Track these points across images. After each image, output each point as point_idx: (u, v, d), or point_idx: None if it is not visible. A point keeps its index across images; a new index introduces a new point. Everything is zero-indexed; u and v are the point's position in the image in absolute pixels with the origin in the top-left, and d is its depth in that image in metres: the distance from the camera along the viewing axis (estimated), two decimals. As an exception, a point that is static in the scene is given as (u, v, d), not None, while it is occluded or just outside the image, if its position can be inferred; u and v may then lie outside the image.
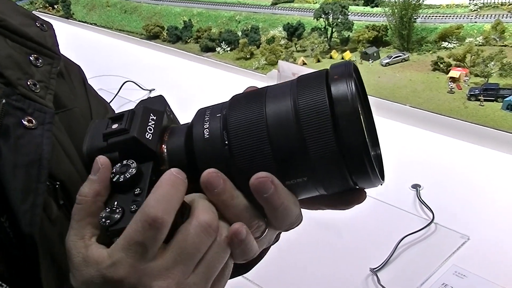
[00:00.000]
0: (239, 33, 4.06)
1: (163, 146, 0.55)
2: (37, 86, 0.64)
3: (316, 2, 4.04)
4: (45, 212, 0.61)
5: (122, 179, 0.52)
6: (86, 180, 0.53)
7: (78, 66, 0.82)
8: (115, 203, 0.51)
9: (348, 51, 3.37)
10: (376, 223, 1.45)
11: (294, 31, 3.80)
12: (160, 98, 0.60)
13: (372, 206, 1.53)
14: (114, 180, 0.52)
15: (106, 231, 0.50)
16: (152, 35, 4.64)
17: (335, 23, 3.46)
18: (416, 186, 1.59)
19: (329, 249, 1.39)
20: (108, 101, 0.86)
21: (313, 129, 0.47)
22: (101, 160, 0.53)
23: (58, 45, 0.73)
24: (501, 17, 3.20)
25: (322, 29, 3.53)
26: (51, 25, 0.75)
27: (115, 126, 0.54)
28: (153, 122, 0.55)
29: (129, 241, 0.48)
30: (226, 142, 0.51)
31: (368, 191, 1.64)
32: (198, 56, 3.89)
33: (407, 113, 2.15)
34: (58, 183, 0.64)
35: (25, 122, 0.59)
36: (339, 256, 1.36)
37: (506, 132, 1.88)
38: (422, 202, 1.49)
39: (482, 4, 3.31)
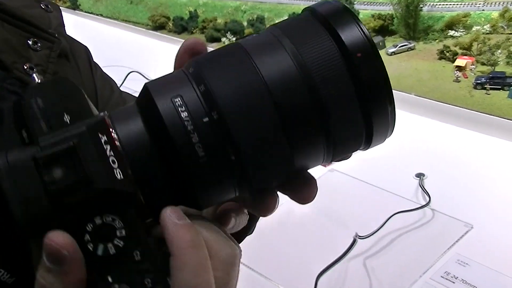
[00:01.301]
0: (245, 23, 4.05)
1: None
2: (34, 70, 0.63)
3: (322, -8, 4.01)
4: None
5: (114, 250, 0.37)
6: (43, 268, 0.40)
7: (85, 46, 0.81)
8: (115, 285, 0.37)
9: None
10: (375, 210, 1.45)
11: (299, 21, 3.79)
12: (65, 82, 0.40)
13: (373, 194, 1.52)
14: (100, 254, 0.37)
15: None
16: (158, 26, 4.63)
17: (340, 12, 3.45)
18: (420, 175, 1.58)
19: (321, 229, 1.40)
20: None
21: (330, 89, 0.38)
22: (58, 240, 0.37)
23: (64, 26, 0.73)
24: (510, 5, 3.16)
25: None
26: (58, 6, 0.74)
27: (58, 174, 0.36)
28: (109, 146, 0.38)
29: None
30: (211, 112, 0.38)
31: (369, 178, 1.63)
32: (204, 46, 3.89)
33: (412, 102, 2.13)
34: None
35: None
36: (333, 235, 1.36)
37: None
38: (423, 189, 1.48)
39: (490, -8, 3.28)
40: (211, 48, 0.45)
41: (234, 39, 3.62)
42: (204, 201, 0.41)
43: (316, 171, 1.16)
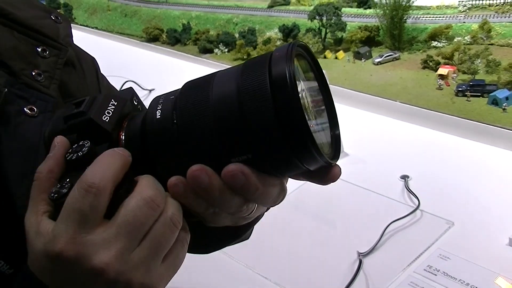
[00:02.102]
0: (236, 35, 4.11)
1: (121, 131, 0.54)
2: (42, 76, 0.67)
3: (311, 5, 4.07)
4: None
5: (74, 157, 0.51)
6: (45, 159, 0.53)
7: (92, 57, 0.85)
8: (67, 180, 0.50)
9: (341, 51, 3.41)
10: (365, 212, 1.50)
11: (289, 32, 3.84)
12: (129, 90, 0.61)
13: (362, 196, 1.57)
14: (67, 158, 0.52)
15: (54, 202, 0.50)
16: (152, 38, 4.67)
17: (328, 24, 3.51)
18: (404, 177, 1.63)
19: (318, 235, 1.44)
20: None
21: (254, 108, 0.47)
22: (58, 139, 0.53)
23: (72, 36, 0.77)
24: (489, 17, 3.24)
25: (316, 30, 3.58)
26: (67, 18, 0.78)
27: (75, 109, 0.54)
28: (113, 107, 0.55)
29: (68, 210, 0.47)
30: (175, 121, 0.50)
31: (358, 181, 1.69)
32: (196, 57, 3.93)
33: (397, 109, 2.19)
34: None
35: (27, 110, 0.62)
36: (328, 241, 1.41)
37: (491, 125, 1.92)
38: (410, 191, 1.54)
39: (470, 5, 3.35)
40: (204, 59, 0.56)
41: (226, 50, 3.69)
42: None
43: None
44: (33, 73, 0.66)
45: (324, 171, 0.52)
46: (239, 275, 1.32)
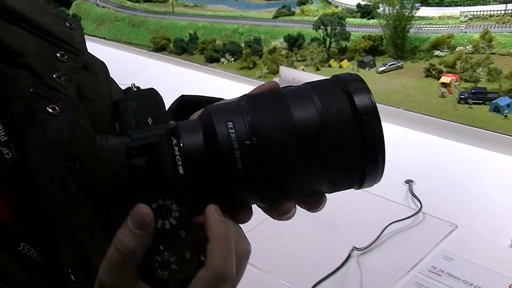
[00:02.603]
0: (242, 45, 4.16)
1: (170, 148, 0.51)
2: (62, 79, 0.70)
3: (315, 15, 4.12)
4: (64, 189, 0.67)
5: (168, 226, 0.48)
6: (126, 229, 0.49)
7: (103, 62, 0.89)
8: (165, 253, 0.48)
9: (345, 60, 3.46)
10: (368, 213, 1.52)
11: (294, 42, 3.90)
12: (153, 92, 0.54)
13: (366, 199, 1.59)
14: (159, 227, 0.48)
15: (164, 283, 0.49)
16: (159, 47, 4.74)
17: (333, 34, 3.57)
18: (409, 181, 1.65)
19: (319, 233, 1.46)
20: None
21: (341, 137, 0.51)
22: (145, 212, 0.48)
23: (85, 42, 0.80)
24: (490, 28, 3.28)
25: (321, 40, 3.63)
26: (80, 24, 0.82)
27: (141, 160, 0.48)
28: (177, 148, 0.49)
29: None
30: (252, 136, 0.50)
31: (364, 185, 1.69)
32: (203, 66, 3.98)
33: (401, 116, 2.21)
34: (78, 164, 0.70)
35: (49, 109, 0.65)
36: (329, 239, 1.42)
37: (493, 131, 1.94)
38: (413, 194, 1.56)
39: (472, 16, 3.40)
40: (210, 68, 0.58)
41: (232, 59, 3.75)
42: (236, 200, 0.53)
43: None
44: (54, 76, 0.69)
45: (313, 199, 0.59)
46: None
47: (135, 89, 0.54)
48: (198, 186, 0.50)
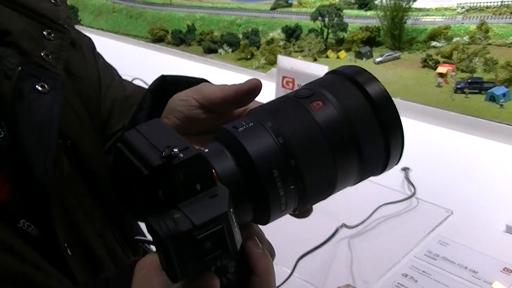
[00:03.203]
0: (240, 36, 4.15)
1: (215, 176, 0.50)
2: (50, 57, 0.70)
3: (312, 7, 4.12)
4: (57, 167, 0.68)
5: (225, 281, 0.49)
6: None
7: (89, 38, 0.89)
8: None
9: (343, 51, 3.47)
10: (362, 197, 1.53)
11: (292, 33, 3.89)
12: (199, 157, 0.48)
13: (362, 185, 1.60)
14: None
15: None
16: (157, 39, 4.72)
17: (330, 25, 3.56)
18: (405, 169, 1.67)
19: (311, 219, 1.47)
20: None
21: (364, 127, 0.53)
22: (215, 283, 0.48)
23: (71, 18, 0.80)
24: (487, 19, 3.29)
25: (319, 31, 3.63)
26: (65, 0, 0.82)
27: (208, 246, 0.45)
28: (235, 223, 0.48)
29: None
30: (289, 154, 0.50)
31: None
32: (201, 57, 3.98)
33: (398, 105, 2.21)
34: (69, 141, 0.71)
35: (39, 87, 0.66)
36: (322, 218, 1.43)
37: (489, 120, 1.96)
38: (409, 181, 1.57)
39: (469, 7, 3.40)
40: (208, 59, 0.58)
41: (230, 50, 3.75)
42: (271, 220, 0.54)
43: None
44: (42, 54, 0.70)
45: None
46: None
47: (178, 157, 0.47)
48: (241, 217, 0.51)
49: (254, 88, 0.62)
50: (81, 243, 0.72)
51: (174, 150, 0.46)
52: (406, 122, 1.81)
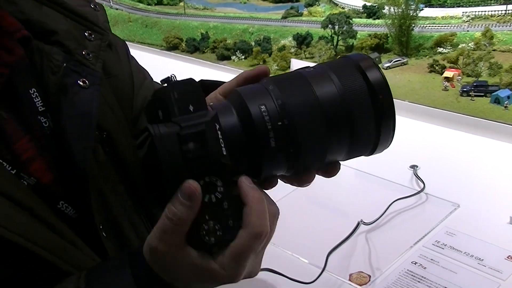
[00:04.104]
0: (252, 43, 4.23)
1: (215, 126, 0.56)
2: (90, 55, 0.77)
3: (322, 16, 4.18)
4: (94, 155, 0.74)
5: (214, 199, 0.54)
6: (177, 201, 0.54)
7: (123, 41, 0.96)
8: (211, 222, 0.54)
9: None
10: (375, 195, 1.59)
11: (303, 40, 3.98)
12: (192, 82, 0.58)
13: (373, 182, 1.66)
14: (206, 200, 0.54)
15: (211, 247, 0.55)
16: (172, 46, 4.81)
17: (340, 32, 3.64)
18: (413, 166, 1.72)
19: (330, 210, 1.53)
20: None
21: (359, 108, 0.59)
22: (194, 187, 0.54)
23: (108, 22, 0.87)
24: (491, 27, 3.34)
25: (329, 38, 3.70)
26: (103, 6, 0.89)
27: (191, 146, 0.53)
28: (220, 132, 0.55)
29: (239, 254, 0.55)
30: (284, 117, 0.57)
31: (371, 170, 1.78)
32: (215, 64, 4.04)
33: (406, 108, 2.27)
34: (105, 133, 0.77)
35: (80, 83, 0.72)
36: (339, 215, 1.50)
37: (493, 121, 2.00)
38: (417, 177, 1.62)
39: (474, 16, 3.46)
40: (221, 65, 0.67)
41: (243, 57, 3.82)
42: (264, 174, 0.60)
43: None
44: (83, 53, 0.76)
45: (330, 167, 0.66)
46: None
47: (175, 80, 0.58)
48: (235, 162, 0.56)
49: (262, 72, 0.68)
50: (114, 226, 0.78)
51: (174, 77, 0.56)
52: (414, 124, 1.88)
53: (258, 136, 0.56)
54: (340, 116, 0.58)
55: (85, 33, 0.79)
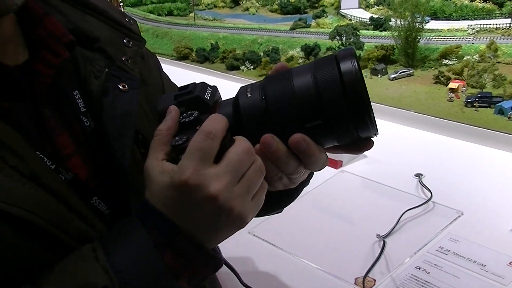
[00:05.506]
0: (261, 54, 4.25)
1: (217, 106, 0.69)
2: (129, 61, 0.80)
3: (330, 28, 4.21)
4: (133, 154, 0.77)
5: (187, 120, 0.65)
6: (163, 122, 0.66)
7: (154, 54, 0.99)
8: (182, 136, 0.64)
9: (361, 71, 3.55)
10: (384, 203, 1.60)
11: (311, 51, 3.98)
12: (214, 87, 0.72)
13: (381, 190, 1.68)
14: (181, 121, 0.66)
15: (175, 148, 0.63)
16: (182, 56, 4.83)
17: (347, 43, 3.65)
18: (418, 175, 1.74)
19: (343, 222, 1.54)
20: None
21: (329, 92, 0.62)
22: (172, 108, 0.67)
23: (140, 35, 0.91)
24: (496, 39, 3.36)
25: (336, 49, 3.72)
26: (135, 20, 0.92)
27: (182, 91, 0.69)
28: (210, 90, 0.69)
29: (192, 150, 0.61)
30: (264, 98, 0.65)
31: (378, 178, 1.80)
32: (224, 73, 4.08)
33: (411, 118, 2.29)
34: (140, 136, 0.80)
35: (120, 86, 0.76)
36: (352, 227, 1.51)
37: (497, 131, 2.02)
38: (423, 185, 1.64)
39: (479, 28, 3.48)
40: (231, 75, 0.77)
41: (252, 67, 3.87)
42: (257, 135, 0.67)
43: (328, 172, 1.44)
44: (123, 58, 0.80)
45: (362, 143, 0.68)
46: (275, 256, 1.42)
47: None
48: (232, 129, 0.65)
49: (280, 68, 0.71)
50: None
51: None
52: (420, 133, 1.91)
53: (246, 110, 0.67)
54: (312, 102, 0.63)
55: (124, 40, 0.82)
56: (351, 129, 0.64)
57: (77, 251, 0.62)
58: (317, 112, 0.63)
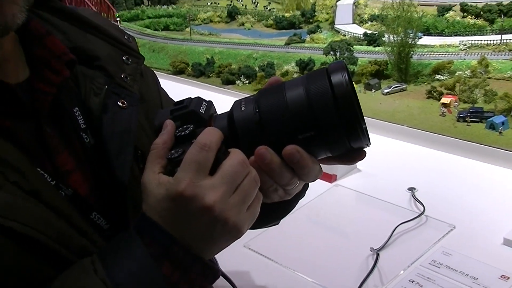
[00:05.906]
0: (256, 68, 4.29)
1: (212, 120, 0.71)
2: (128, 78, 0.82)
3: (324, 43, 4.25)
4: (132, 170, 0.79)
5: (183, 133, 0.67)
6: (160, 136, 0.68)
7: (153, 71, 1.01)
8: (178, 149, 0.65)
9: (353, 83, 3.58)
10: (377, 217, 1.62)
11: (305, 66, 4.03)
12: (210, 102, 0.75)
13: (374, 204, 1.69)
14: (177, 135, 0.67)
15: (171, 161, 0.64)
16: (178, 71, 4.88)
17: (342, 58, 3.68)
18: (411, 189, 1.75)
19: (337, 236, 1.55)
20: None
21: (321, 104, 0.64)
22: (168, 122, 0.68)
23: (139, 52, 0.92)
24: (487, 55, 3.40)
25: (330, 64, 3.76)
26: (134, 38, 0.94)
27: (178, 106, 0.71)
28: (205, 105, 0.71)
29: (187, 162, 0.62)
30: (257, 110, 0.67)
31: (371, 192, 1.81)
32: (220, 88, 4.10)
33: (404, 132, 2.31)
34: (139, 151, 0.82)
35: (119, 103, 0.78)
36: (345, 240, 1.52)
37: (488, 146, 2.04)
38: (416, 199, 1.65)
39: (470, 44, 3.52)
40: (226, 90, 0.80)
41: (247, 82, 3.89)
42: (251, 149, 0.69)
43: (323, 186, 1.45)
44: (122, 76, 0.81)
45: (354, 154, 0.69)
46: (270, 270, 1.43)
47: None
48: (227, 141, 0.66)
49: (274, 82, 0.73)
50: None
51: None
52: (412, 148, 1.92)
53: (240, 123, 0.68)
54: (304, 114, 0.65)
55: (123, 58, 0.84)
56: (343, 139, 0.65)
57: (76, 264, 0.63)
58: (310, 124, 0.65)
